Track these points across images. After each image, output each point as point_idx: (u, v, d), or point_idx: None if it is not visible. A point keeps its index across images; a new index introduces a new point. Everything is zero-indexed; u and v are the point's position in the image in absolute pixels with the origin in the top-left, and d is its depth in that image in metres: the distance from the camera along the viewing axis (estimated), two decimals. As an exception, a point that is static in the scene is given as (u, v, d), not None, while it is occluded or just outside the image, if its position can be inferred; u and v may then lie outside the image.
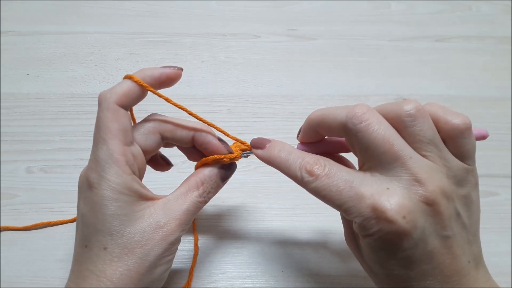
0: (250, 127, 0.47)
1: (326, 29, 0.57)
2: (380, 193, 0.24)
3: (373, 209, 0.23)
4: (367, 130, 0.25)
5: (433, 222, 0.24)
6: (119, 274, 0.26)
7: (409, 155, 0.24)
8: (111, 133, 0.26)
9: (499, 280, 0.39)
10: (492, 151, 0.46)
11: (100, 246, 0.26)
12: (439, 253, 0.24)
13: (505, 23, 0.58)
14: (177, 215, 0.28)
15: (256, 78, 0.52)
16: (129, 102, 0.28)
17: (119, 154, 0.26)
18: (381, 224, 0.23)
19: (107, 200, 0.26)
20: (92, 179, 0.26)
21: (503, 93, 0.51)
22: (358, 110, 0.25)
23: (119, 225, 0.26)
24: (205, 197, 0.30)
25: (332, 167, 0.26)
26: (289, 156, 0.28)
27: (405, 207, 0.23)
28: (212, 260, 0.39)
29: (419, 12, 0.59)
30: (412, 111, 0.25)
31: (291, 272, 0.38)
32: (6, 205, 0.41)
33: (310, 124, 0.29)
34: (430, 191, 0.24)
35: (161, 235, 0.27)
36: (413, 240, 0.23)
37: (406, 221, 0.23)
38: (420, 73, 0.53)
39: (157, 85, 0.29)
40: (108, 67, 0.52)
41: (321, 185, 0.25)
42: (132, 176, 0.27)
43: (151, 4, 0.58)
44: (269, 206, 0.42)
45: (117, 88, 0.27)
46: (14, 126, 0.46)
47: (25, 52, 0.53)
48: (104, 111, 0.27)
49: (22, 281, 0.37)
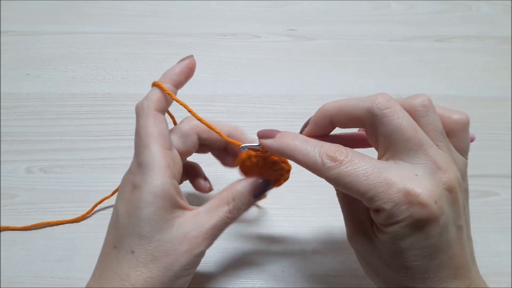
0: (250, 127, 0.47)
1: (326, 29, 0.57)
2: (410, 178, 0.24)
3: (406, 193, 0.23)
4: (392, 115, 0.25)
5: (453, 210, 0.24)
6: (142, 280, 0.26)
7: (430, 144, 0.25)
8: (152, 137, 0.27)
9: (499, 280, 0.39)
10: (492, 151, 0.46)
11: (128, 249, 0.26)
12: (454, 243, 0.24)
13: (505, 23, 0.58)
14: (205, 229, 0.28)
15: (256, 78, 0.52)
16: (164, 106, 0.29)
17: (161, 157, 0.27)
18: (414, 209, 0.23)
19: (143, 202, 0.26)
20: (136, 182, 0.27)
21: (503, 93, 0.51)
22: (382, 97, 0.26)
23: (149, 230, 0.26)
24: (235, 213, 0.29)
25: (356, 154, 0.25)
26: (306, 144, 0.27)
27: (435, 193, 0.23)
28: (212, 260, 0.39)
29: (419, 12, 0.59)
30: (425, 102, 0.26)
31: (291, 272, 0.38)
32: (6, 205, 0.41)
33: (326, 114, 0.28)
34: (451, 179, 0.24)
35: (187, 247, 0.27)
36: (439, 227, 0.23)
37: (437, 206, 0.23)
38: (420, 73, 0.53)
39: (184, 78, 0.31)
40: (108, 67, 0.52)
41: (346, 171, 0.24)
42: (172, 180, 0.27)
43: (151, 4, 0.58)
44: (269, 206, 0.42)
45: (151, 95, 0.29)
46: (14, 126, 0.46)
47: (25, 52, 0.53)
48: (144, 118, 0.28)
49: (22, 281, 0.37)
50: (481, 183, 0.44)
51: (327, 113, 0.28)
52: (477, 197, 0.43)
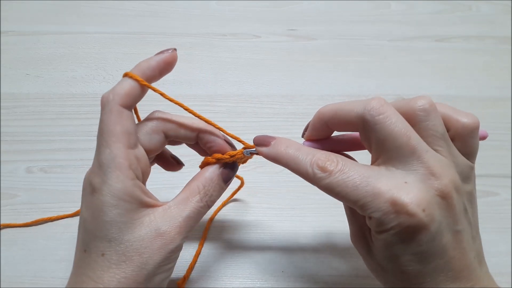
0: (250, 127, 0.47)
1: (326, 29, 0.57)
2: (399, 187, 0.24)
3: (393, 203, 0.23)
4: (385, 122, 0.25)
5: (447, 216, 0.24)
6: (116, 281, 0.25)
7: (425, 149, 0.25)
8: (115, 136, 0.26)
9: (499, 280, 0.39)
10: (492, 151, 0.46)
11: (98, 252, 0.26)
12: (451, 247, 0.24)
13: (505, 23, 0.58)
14: (178, 222, 0.27)
15: (256, 78, 0.52)
16: (132, 101, 0.27)
17: (122, 158, 0.26)
18: (401, 218, 0.23)
19: (107, 206, 0.25)
20: (95, 184, 0.26)
21: (503, 93, 0.51)
22: (376, 102, 0.25)
23: (117, 232, 0.26)
24: (207, 201, 0.29)
25: (346, 162, 0.25)
26: (298, 153, 0.27)
27: (424, 201, 0.23)
28: (212, 260, 0.39)
29: (419, 12, 0.59)
30: (426, 106, 0.25)
31: (291, 272, 0.38)
32: (6, 205, 0.41)
33: (322, 117, 0.28)
34: (445, 185, 0.24)
35: (160, 243, 0.26)
36: (431, 234, 0.23)
37: (426, 214, 0.23)
38: (420, 73, 0.53)
39: (158, 74, 0.28)
40: (108, 67, 0.52)
41: (336, 181, 0.25)
42: (135, 181, 0.26)
43: (151, 4, 0.58)
44: (269, 206, 0.42)
45: (118, 88, 0.27)
46: (14, 126, 0.46)
47: (25, 52, 0.53)
48: (107, 114, 0.26)
49: (22, 281, 0.37)
50: (481, 183, 0.44)
51: (322, 117, 0.28)
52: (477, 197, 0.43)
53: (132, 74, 0.27)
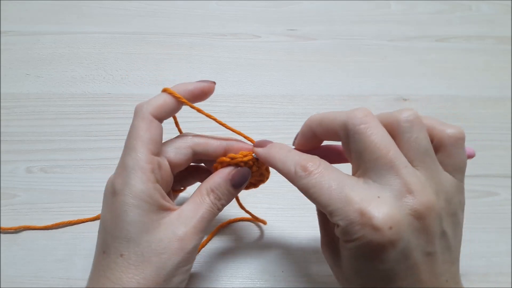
0: (250, 127, 0.47)
1: (326, 29, 0.57)
2: (370, 200, 0.24)
3: (361, 214, 0.23)
4: (365, 132, 0.25)
5: (418, 237, 0.24)
6: (135, 282, 0.25)
7: (403, 164, 0.24)
8: (142, 141, 0.27)
9: (499, 280, 0.39)
10: (492, 151, 0.46)
11: (117, 253, 0.26)
12: (419, 269, 0.24)
13: (505, 23, 0.58)
14: (193, 223, 0.28)
15: (256, 78, 0.52)
16: (163, 114, 0.29)
17: (146, 162, 0.27)
18: (366, 231, 0.23)
19: (128, 206, 0.26)
20: (117, 185, 0.27)
21: (503, 93, 0.51)
22: (359, 112, 0.25)
23: (137, 233, 0.26)
24: (217, 203, 0.29)
25: (327, 167, 0.26)
26: (287, 154, 0.28)
27: (393, 218, 0.23)
28: (212, 260, 0.39)
29: (419, 12, 0.59)
30: (410, 118, 0.25)
31: (291, 272, 0.38)
32: (6, 205, 0.41)
33: (309, 125, 0.29)
34: (419, 204, 0.23)
35: (178, 245, 0.27)
36: (395, 253, 0.23)
37: (392, 233, 0.23)
38: (420, 73, 0.53)
39: (192, 99, 0.30)
40: (108, 67, 0.52)
41: (312, 182, 0.25)
42: (155, 185, 0.27)
43: (151, 4, 0.58)
44: (269, 206, 0.42)
45: (153, 100, 0.29)
46: (14, 126, 0.46)
47: (25, 52, 0.53)
48: (139, 120, 0.28)
49: (22, 281, 0.37)
50: (481, 183, 0.44)
51: (311, 124, 0.29)
52: (477, 197, 0.43)
53: (169, 89, 0.29)
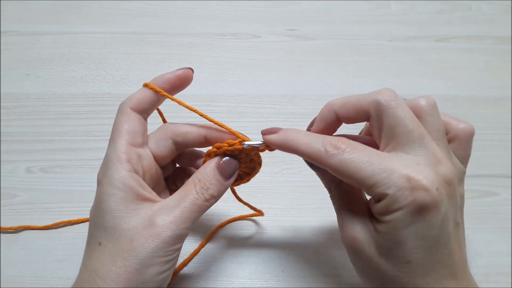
0: (250, 127, 0.47)
1: (326, 29, 0.57)
2: (413, 166, 0.24)
3: (408, 179, 0.24)
4: (398, 107, 0.26)
5: (451, 204, 0.25)
6: (107, 270, 0.25)
7: (430, 139, 0.26)
8: (120, 133, 0.28)
9: (499, 280, 0.39)
10: (492, 151, 0.46)
11: (96, 241, 0.27)
12: (453, 238, 0.25)
13: (505, 23, 0.58)
14: (172, 213, 0.27)
15: (256, 78, 0.52)
16: (142, 107, 0.30)
17: (122, 152, 0.28)
18: (417, 194, 0.23)
19: (104, 194, 0.27)
20: (98, 176, 0.28)
21: (503, 93, 0.51)
22: (388, 91, 0.27)
23: (113, 221, 0.26)
24: (204, 193, 0.28)
25: (356, 143, 0.26)
26: (309, 136, 0.27)
27: (437, 181, 0.24)
28: (212, 260, 0.39)
29: (419, 12, 0.59)
30: (432, 102, 0.27)
31: (291, 272, 0.38)
32: (6, 205, 0.41)
33: (330, 108, 0.29)
34: (450, 172, 0.25)
35: (152, 232, 0.26)
36: (440, 216, 0.24)
37: (439, 193, 0.24)
38: (420, 73, 0.53)
39: (172, 88, 0.30)
40: (108, 67, 0.52)
41: (349, 157, 0.25)
42: (131, 174, 0.27)
43: (151, 4, 0.58)
44: (269, 206, 0.42)
45: (133, 95, 0.30)
46: (14, 126, 0.46)
47: (25, 52, 0.53)
48: (118, 115, 0.29)
49: (22, 281, 0.37)
50: (481, 183, 0.44)
51: (332, 107, 0.29)
52: (477, 197, 0.43)
53: (149, 83, 0.30)
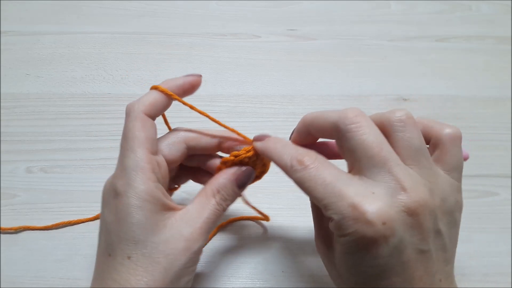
0: (250, 127, 0.47)
1: (326, 29, 0.57)
2: (365, 195, 0.24)
3: (354, 208, 0.23)
4: (357, 131, 0.25)
5: (412, 234, 0.24)
6: (144, 284, 0.25)
7: (396, 162, 0.25)
8: (139, 141, 0.27)
9: (499, 280, 0.39)
10: (492, 151, 0.46)
11: (124, 255, 0.26)
12: (412, 266, 0.24)
13: (505, 23, 0.58)
14: (198, 224, 0.28)
15: (256, 78, 0.52)
16: (155, 111, 0.29)
17: (146, 162, 0.27)
18: (359, 225, 0.23)
19: (132, 208, 0.26)
20: (119, 187, 0.27)
21: (503, 93, 0.51)
22: (350, 112, 0.26)
23: (143, 234, 0.26)
24: (222, 204, 0.29)
25: (323, 162, 0.26)
26: (284, 147, 0.28)
27: (387, 214, 0.23)
28: (212, 260, 0.39)
29: (419, 12, 0.59)
30: (403, 117, 0.26)
31: (291, 272, 0.38)
32: (6, 205, 0.41)
33: (304, 123, 0.29)
34: (413, 202, 0.24)
35: (185, 245, 0.27)
36: (388, 248, 0.23)
37: (385, 228, 0.23)
38: (420, 73, 0.53)
39: (181, 93, 0.30)
40: (108, 67, 0.52)
41: (308, 176, 0.25)
42: (157, 184, 0.27)
43: (151, 4, 0.58)
44: (269, 206, 0.42)
45: (144, 98, 0.29)
46: (14, 126, 0.46)
47: (25, 52, 0.53)
48: (133, 121, 0.28)
49: (22, 281, 0.37)
50: (481, 183, 0.44)
51: (305, 122, 0.29)
52: (477, 197, 0.43)
53: (159, 86, 0.29)
